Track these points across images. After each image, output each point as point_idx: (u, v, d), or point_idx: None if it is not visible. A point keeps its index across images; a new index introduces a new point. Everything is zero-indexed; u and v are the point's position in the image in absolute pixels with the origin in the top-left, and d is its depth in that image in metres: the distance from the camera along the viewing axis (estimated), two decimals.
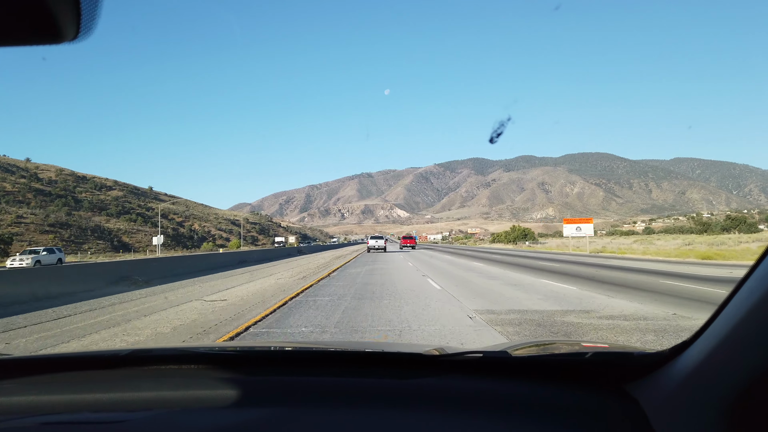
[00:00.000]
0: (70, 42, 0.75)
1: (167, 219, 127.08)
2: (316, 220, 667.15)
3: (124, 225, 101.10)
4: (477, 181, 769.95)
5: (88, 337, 6.98)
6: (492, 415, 1.13)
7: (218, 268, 23.73)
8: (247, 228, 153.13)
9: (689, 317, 7.73)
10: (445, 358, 1.37)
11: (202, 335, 6.85)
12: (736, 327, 0.86)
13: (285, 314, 8.56)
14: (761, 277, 0.83)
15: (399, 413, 1.16)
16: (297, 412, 1.18)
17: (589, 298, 10.18)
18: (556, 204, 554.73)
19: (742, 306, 0.86)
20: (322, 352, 1.59)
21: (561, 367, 1.34)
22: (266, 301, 10.28)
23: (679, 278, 15.26)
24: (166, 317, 8.54)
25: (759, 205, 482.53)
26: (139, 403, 1.26)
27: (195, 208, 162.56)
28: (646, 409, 1.06)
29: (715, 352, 0.91)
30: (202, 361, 1.48)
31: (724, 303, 0.93)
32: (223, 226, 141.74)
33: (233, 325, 7.44)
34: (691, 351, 1.01)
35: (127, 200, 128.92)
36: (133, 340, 6.70)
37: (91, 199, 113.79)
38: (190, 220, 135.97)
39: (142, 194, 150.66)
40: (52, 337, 7.06)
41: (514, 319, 7.65)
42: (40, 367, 1.48)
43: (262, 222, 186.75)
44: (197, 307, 9.72)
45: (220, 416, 1.18)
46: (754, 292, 0.83)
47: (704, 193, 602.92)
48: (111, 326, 7.77)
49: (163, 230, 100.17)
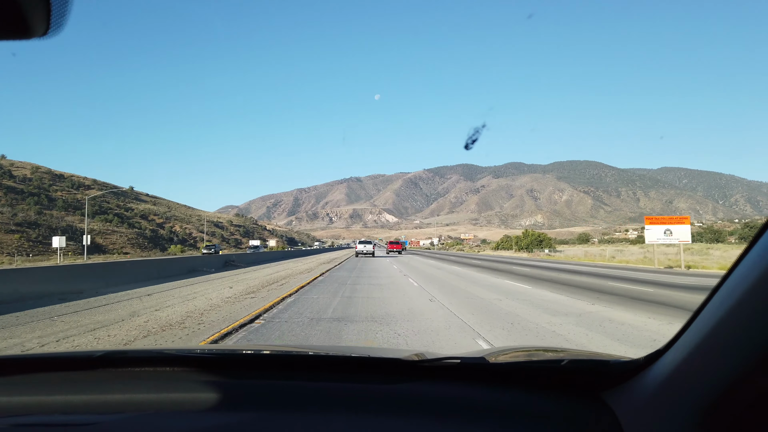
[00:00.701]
0: (39, 38, 0.74)
1: (146, 220, 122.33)
2: (303, 223, 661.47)
3: (98, 225, 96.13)
4: (466, 187, 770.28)
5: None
6: (468, 421, 1.13)
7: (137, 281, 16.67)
8: (230, 230, 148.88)
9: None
10: (424, 364, 1.36)
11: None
12: (709, 335, 0.86)
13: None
14: (733, 285, 0.83)
15: (377, 418, 1.15)
16: (274, 417, 1.16)
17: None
18: (545, 211, 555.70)
19: (714, 314, 0.86)
20: (301, 356, 1.57)
21: (538, 374, 1.34)
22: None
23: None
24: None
25: (745, 214, 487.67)
26: (111, 406, 1.23)
27: (177, 209, 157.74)
28: (621, 418, 1.06)
29: (688, 360, 0.91)
30: (178, 363, 1.45)
31: (697, 311, 0.93)
32: (205, 228, 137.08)
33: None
34: (664, 359, 1.01)
35: (105, 200, 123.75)
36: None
37: (67, 198, 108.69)
38: (172, 221, 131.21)
39: (122, 194, 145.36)
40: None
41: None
42: (10, 367, 1.45)
43: (246, 224, 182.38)
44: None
45: (194, 420, 1.16)
46: (726, 300, 0.84)
47: (691, 202, 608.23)
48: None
49: (140, 231, 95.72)
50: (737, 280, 0.83)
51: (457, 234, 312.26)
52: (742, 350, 0.79)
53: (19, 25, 0.72)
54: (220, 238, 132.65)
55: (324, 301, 11.34)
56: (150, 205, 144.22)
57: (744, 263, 0.84)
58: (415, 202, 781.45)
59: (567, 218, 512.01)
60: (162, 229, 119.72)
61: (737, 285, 0.82)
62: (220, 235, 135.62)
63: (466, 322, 8.15)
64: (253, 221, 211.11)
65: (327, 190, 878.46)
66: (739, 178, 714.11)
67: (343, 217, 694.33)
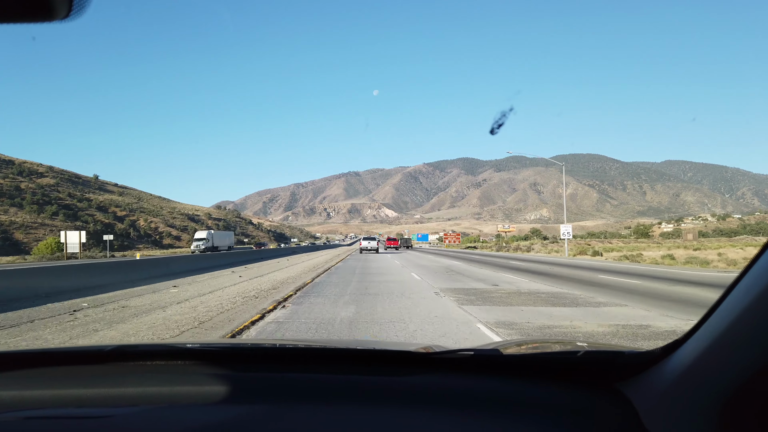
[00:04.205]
0: (61, 20, 0.72)
1: (105, 212, 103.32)
2: (300, 219, 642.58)
3: (23, 217, 77.19)
4: (467, 181, 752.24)
5: None
6: (482, 414, 1.12)
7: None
8: (208, 224, 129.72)
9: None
10: (436, 356, 1.36)
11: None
12: (729, 327, 0.85)
13: None
14: (756, 277, 0.82)
15: (389, 411, 1.15)
16: (286, 410, 1.16)
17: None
18: (549, 205, 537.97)
19: (735, 306, 0.85)
20: (312, 349, 1.57)
21: (552, 366, 1.33)
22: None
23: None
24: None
25: (754, 208, 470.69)
26: (124, 399, 1.24)
27: (150, 200, 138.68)
28: (638, 408, 1.05)
29: (708, 351, 0.90)
30: (189, 357, 1.46)
31: (717, 303, 0.92)
32: (176, 222, 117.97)
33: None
34: (683, 350, 1.01)
35: (56, 189, 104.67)
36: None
37: (2, 184, 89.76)
38: (136, 214, 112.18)
39: (83, 183, 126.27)
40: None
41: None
42: (23, 361, 1.46)
43: (228, 218, 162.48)
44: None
45: (207, 412, 1.16)
46: (749, 291, 0.82)
47: (699, 195, 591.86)
48: None
49: (83, 226, 76.65)
50: (759, 272, 0.82)
51: (462, 229, 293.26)
52: (762, 343, 0.78)
53: (41, 6, 0.69)
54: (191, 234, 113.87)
55: None
56: (115, 196, 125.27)
57: (765, 257, 0.82)
58: (415, 196, 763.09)
59: (573, 212, 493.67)
60: (120, 222, 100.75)
61: (759, 277, 0.81)
62: (193, 229, 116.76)
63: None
64: (237, 214, 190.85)
65: (325, 185, 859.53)
66: (744, 171, 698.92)
67: (341, 212, 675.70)
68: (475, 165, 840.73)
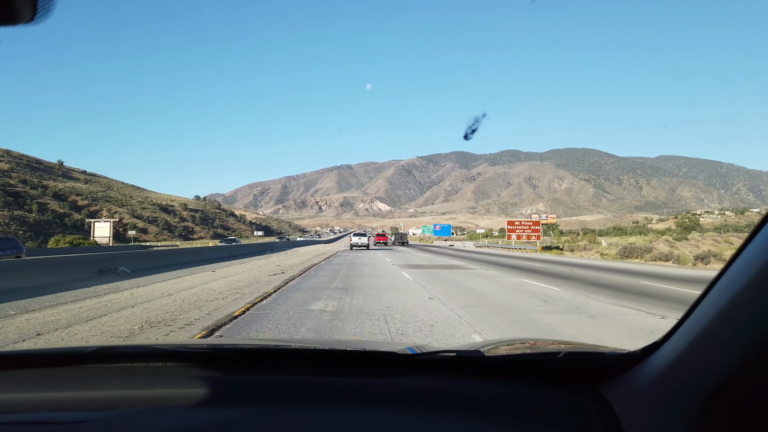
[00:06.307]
0: (26, 24, 0.70)
1: (62, 201, 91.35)
2: (291, 212, 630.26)
3: None
4: (461, 175, 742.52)
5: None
6: (464, 415, 1.11)
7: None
8: (182, 216, 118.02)
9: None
10: (419, 358, 1.34)
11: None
12: (708, 327, 0.85)
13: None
14: (733, 277, 0.81)
15: (372, 412, 1.14)
16: (269, 411, 1.15)
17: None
18: (545, 199, 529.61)
19: (713, 306, 0.85)
20: (296, 350, 1.54)
21: (534, 367, 1.32)
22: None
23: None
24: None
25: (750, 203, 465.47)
26: (102, 402, 1.20)
27: (120, 189, 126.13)
28: (618, 410, 1.05)
29: (686, 352, 0.90)
30: (171, 358, 1.41)
31: (696, 303, 0.92)
32: (145, 213, 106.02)
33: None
34: (662, 351, 1.00)
35: (8, 175, 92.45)
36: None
37: None
38: (100, 203, 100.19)
39: (44, 170, 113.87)
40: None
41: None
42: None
43: (207, 209, 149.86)
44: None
45: (188, 415, 1.13)
46: (726, 291, 0.82)
47: (695, 191, 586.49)
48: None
49: (22, 216, 64.93)
50: (737, 272, 0.81)
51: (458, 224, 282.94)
52: (742, 342, 0.78)
53: (4, 11, 0.69)
54: (160, 226, 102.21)
55: None
56: (80, 184, 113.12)
57: (744, 254, 0.81)
58: (408, 190, 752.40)
59: (569, 207, 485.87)
60: (78, 212, 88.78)
61: (738, 277, 0.80)
62: (164, 221, 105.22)
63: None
64: (217, 205, 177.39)
65: (317, 178, 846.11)
66: (739, 166, 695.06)
67: (333, 206, 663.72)
68: (470, 159, 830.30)
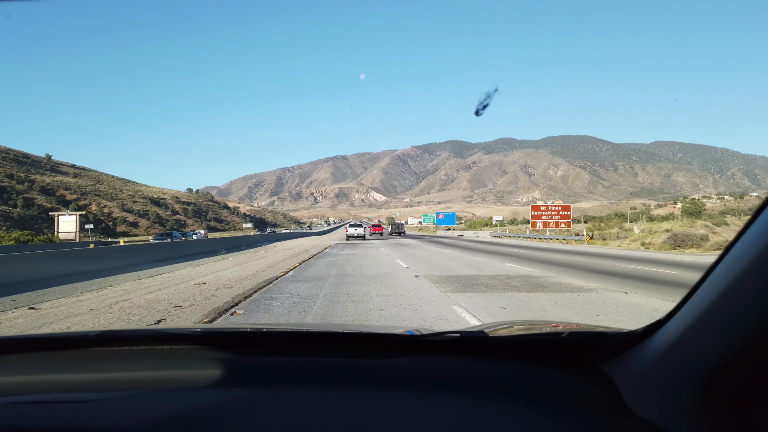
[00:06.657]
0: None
1: (50, 195, 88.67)
2: (287, 204, 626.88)
3: None
4: (457, 164, 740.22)
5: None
6: (467, 395, 1.12)
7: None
8: (174, 209, 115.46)
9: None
10: (423, 339, 1.35)
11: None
12: (710, 306, 0.85)
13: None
14: (737, 256, 0.82)
15: (377, 393, 1.15)
16: (273, 393, 1.16)
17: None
18: (541, 187, 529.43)
19: (716, 285, 0.85)
20: (299, 333, 1.56)
21: (537, 348, 1.33)
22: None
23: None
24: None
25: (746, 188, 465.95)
26: (110, 384, 1.23)
27: (110, 183, 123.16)
28: (621, 388, 1.06)
29: (689, 331, 0.90)
30: (175, 341, 1.45)
31: (699, 282, 0.92)
32: (136, 207, 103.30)
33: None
34: (664, 330, 1.00)
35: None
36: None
37: None
38: (89, 198, 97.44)
39: (31, 164, 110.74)
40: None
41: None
42: (8, 347, 1.44)
43: (199, 202, 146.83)
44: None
45: (193, 396, 1.15)
46: (729, 271, 0.82)
47: (690, 176, 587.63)
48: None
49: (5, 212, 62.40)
50: (740, 252, 0.82)
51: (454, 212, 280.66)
52: (744, 321, 0.78)
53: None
54: (151, 220, 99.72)
55: None
56: (68, 178, 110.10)
57: (747, 235, 0.82)
58: (403, 180, 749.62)
59: (565, 194, 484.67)
60: (66, 207, 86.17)
61: (741, 256, 0.81)
62: (155, 214, 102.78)
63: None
64: (210, 198, 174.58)
65: (312, 169, 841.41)
66: (733, 151, 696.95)
67: (328, 197, 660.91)
68: (464, 147, 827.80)
